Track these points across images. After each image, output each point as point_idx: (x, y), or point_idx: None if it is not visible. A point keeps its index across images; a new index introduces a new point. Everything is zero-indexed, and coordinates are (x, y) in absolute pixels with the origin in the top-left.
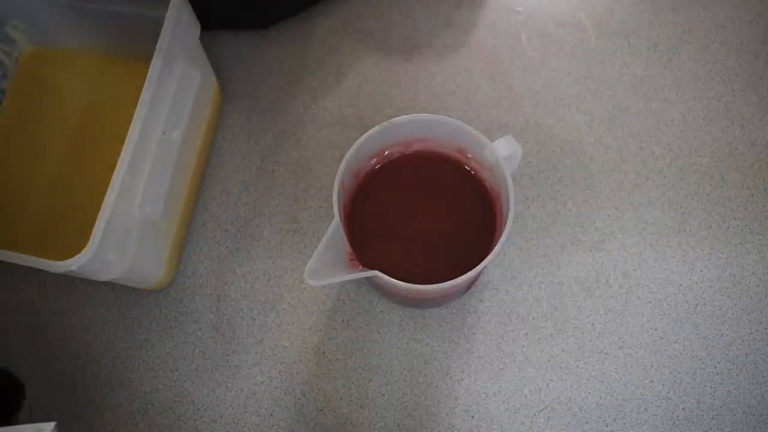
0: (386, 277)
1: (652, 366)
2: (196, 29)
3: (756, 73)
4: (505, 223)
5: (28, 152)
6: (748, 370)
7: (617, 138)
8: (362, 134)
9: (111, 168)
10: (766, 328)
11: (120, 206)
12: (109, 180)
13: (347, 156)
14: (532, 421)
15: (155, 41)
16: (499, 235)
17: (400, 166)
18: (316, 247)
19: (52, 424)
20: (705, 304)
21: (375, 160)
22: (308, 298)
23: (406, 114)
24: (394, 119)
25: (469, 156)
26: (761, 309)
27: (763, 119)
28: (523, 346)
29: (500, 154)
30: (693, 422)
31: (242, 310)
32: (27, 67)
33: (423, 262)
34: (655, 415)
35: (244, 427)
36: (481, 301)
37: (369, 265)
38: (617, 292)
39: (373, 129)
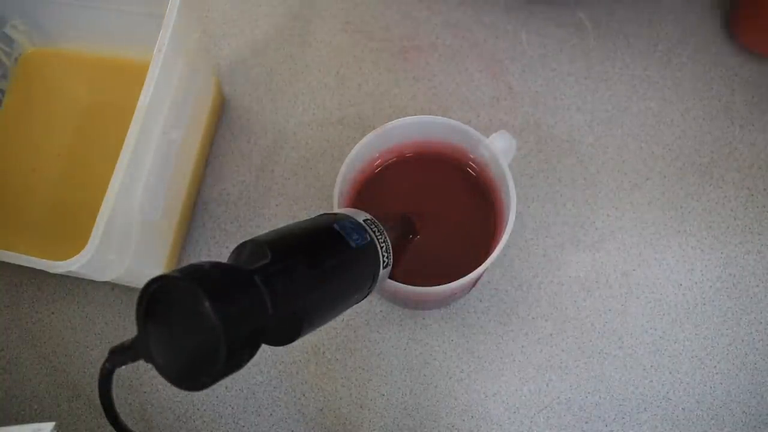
0: (388, 280)
1: (652, 366)
2: (196, 29)
3: (756, 73)
4: (507, 220)
5: (28, 152)
6: (748, 370)
7: (617, 138)
8: (362, 135)
9: (111, 168)
10: (766, 328)
11: (120, 206)
12: (109, 180)
13: (344, 166)
14: (531, 421)
15: (155, 41)
16: (501, 235)
17: (399, 169)
18: None
19: (51, 424)
20: (705, 304)
21: (373, 163)
22: None
23: (406, 114)
24: (387, 124)
25: (466, 155)
26: (761, 309)
27: (763, 119)
28: (523, 346)
29: (495, 149)
30: (693, 422)
31: None
32: (27, 67)
33: (424, 265)
34: (655, 415)
35: (244, 427)
36: (481, 301)
37: None
38: (617, 292)
39: (367, 136)
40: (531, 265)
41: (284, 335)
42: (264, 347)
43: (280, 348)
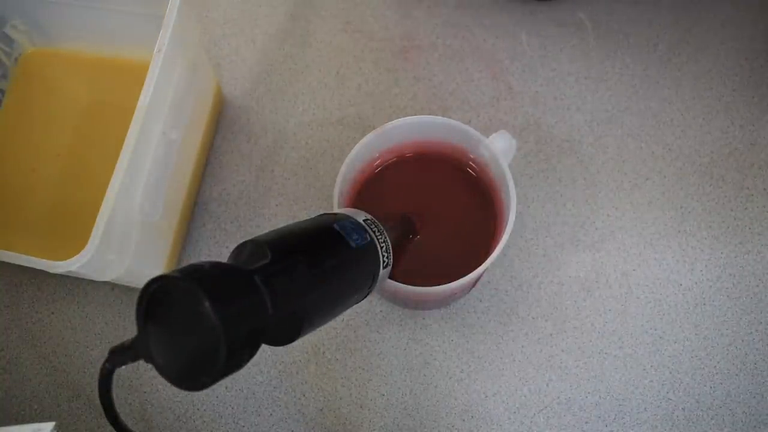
0: (388, 280)
1: (652, 366)
2: (196, 29)
3: (756, 73)
4: (507, 220)
5: (28, 152)
6: (748, 370)
7: (617, 138)
8: (362, 135)
9: (111, 168)
10: (766, 328)
11: (120, 206)
12: (109, 180)
13: (344, 166)
14: (531, 421)
15: (155, 41)
16: (501, 235)
17: (400, 169)
18: None
19: (51, 424)
20: (705, 304)
21: (373, 163)
22: None
23: (406, 114)
24: (387, 124)
25: (466, 155)
26: (761, 309)
27: (763, 119)
28: (523, 346)
29: (495, 149)
30: (693, 422)
31: None
32: (27, 67)
33: (424, 265)
34: (655, 415)
35: (244, 427)
36: (481, 301)
37: None
38: (617, 292)
39: (367, 136)
40: (531, 265)
41: (284, 335)
42: (264, 347)
43: (280, 348)
